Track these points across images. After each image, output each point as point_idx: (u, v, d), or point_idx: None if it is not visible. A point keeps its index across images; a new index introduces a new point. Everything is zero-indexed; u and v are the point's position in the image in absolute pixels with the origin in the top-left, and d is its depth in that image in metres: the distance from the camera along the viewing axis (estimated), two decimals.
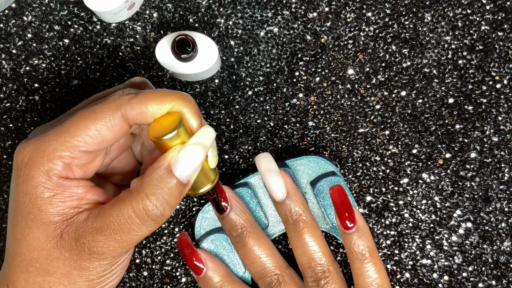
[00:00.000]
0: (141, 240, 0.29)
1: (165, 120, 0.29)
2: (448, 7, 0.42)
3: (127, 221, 0.27)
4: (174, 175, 0.28)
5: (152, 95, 0.29)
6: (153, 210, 0.27)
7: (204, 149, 0.28)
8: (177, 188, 0.28)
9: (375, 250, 0.34)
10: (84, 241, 0.28)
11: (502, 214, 0.42)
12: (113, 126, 0.29)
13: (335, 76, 0.42)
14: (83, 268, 0.29)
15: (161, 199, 0.27)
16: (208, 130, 0.29)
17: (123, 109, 0.28)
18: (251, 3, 0.42)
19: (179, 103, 0.29)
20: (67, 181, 0.29)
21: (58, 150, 0.28)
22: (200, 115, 0.30)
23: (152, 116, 0.29)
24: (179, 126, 0.28)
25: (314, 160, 0.40)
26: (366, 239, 0.34)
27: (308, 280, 0.35)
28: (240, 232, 0.36)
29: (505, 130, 0.42)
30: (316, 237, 0.35)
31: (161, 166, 0.28)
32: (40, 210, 0.28)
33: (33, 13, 0.42)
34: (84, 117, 0.29)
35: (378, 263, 0.34)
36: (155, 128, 0.29)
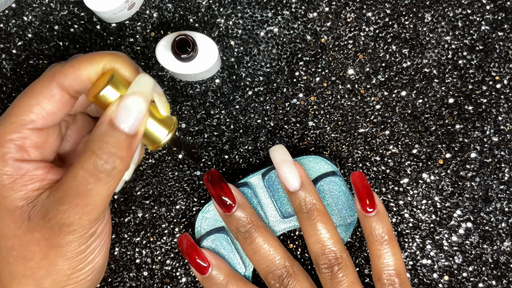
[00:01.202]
0: (104, 201, 0.29)
1: (101, 81, 0.29)
2: (448, 7, 0.42)
3: (81, 182, 0.27)
4: (118, 128, 0.28)
5: (82, 58, 0.29)
6: (103, 164, 0.27)
7: (143, 96, 0.28)
8: (124, 140, 0.28)
9: (393, 234, 0.36)
10: (50, 216, 0.28)
11: (502, 214, 0.42)
12: (52, 97, 0.29)
13: (335, 76, 0.42)
14: (58, 245, 0.29)
15: (107, 152, 0.27)
16: (143, 78, 0.29)
17: (57, 78, 0.29)
18: (251, 3, 0.42)
19: (109, 59, 0.29)
20: (24, 163, 0.29)
21: (6, 133, 0.28)
22: (134, 67, 0.30)
23: (88, 79, 0.29)
24: (111, 79, 0.28)
25: (314, 160, 0.40)
26: (385, 222, 0.35)
27: (321, 267, 0.36)
28: (249, 227, 0.36)
29: (505, 130, 0.42)
30: (329, 226, 0.36)
31: (102, 122, 0.28)
32: (3, 197, 0.29)
33: (33, 13, 0.42)
34: (23, 95, 0.29)
35: (396, 246, 0.35)
36: (93, 90, 0.29)
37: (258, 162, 0.42)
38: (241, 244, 0.37)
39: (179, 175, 0.42)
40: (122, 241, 0.42)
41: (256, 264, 0.37)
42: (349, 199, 0.40)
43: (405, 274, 0.36)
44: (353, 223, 0.40)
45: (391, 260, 0.35)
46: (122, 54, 0.30)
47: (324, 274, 0.36)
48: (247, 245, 0.36)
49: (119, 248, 0.42)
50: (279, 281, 0.36)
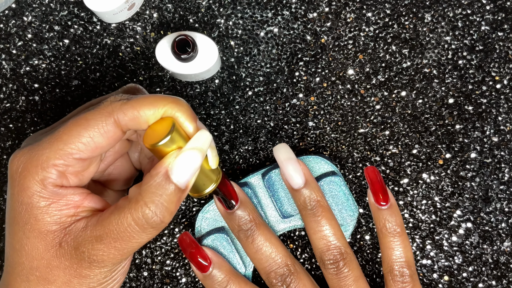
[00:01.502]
0: (140, 246, 0.29)
1: (160, 126, 0.28)
2: (448, 7, 0.42)
3: (126, 229, 0.27)
4: (172, 181, 0.28)
5: (144, 100, 0.28)
6: (153, 217, 0.27)
7: (201, 153, 0.28)
8: (175, 194, 0.28)
9: (404, 227, 0.37)
10: (84, 249, 0.28)
11: (502, 214, 0.42)
12: (106, 133, 0.28)
13: (335, 76, 0.42)
14: (84, 276, 0.29)
15: (160, 206, 0.27)
16: (204, 134, 0.29)
17: (116, 115, 0.28)
18: (251, 3, 0.42)
19: (172, 107, 0.28)
20: (62, 189, 0.29)
21: (51, 158, 0.28)
22: (195, 118, 0.29)
23: (146, 121, 0.29)
24: (172, 131, 0.28)
25: (314, 160, 0.40)
26: (397, 216, 0.37)
27: (326, 263, 0.36)
28: (250, 226, 0.36)
29: (505, 130, 0.42)
30: (333, 222, 0.37)
31: (158, 173, 0.28)
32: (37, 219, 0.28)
33: (33, 13, 0.42)
34: (76, 124, 0.28)
35: (407, 239, 0.37)
36: (149, 135, 0.28)
37: (258, 162, 0.42)
38: (242, 243, 0.37)
39: None
40: None
41: (258, 263, 0.37)
42: (349, 199, 0.40)
43: (414, 266, 0.37)
44: (353, 223, 0.40)
45: (402, 252, 0.36)
46: (184, 101, 0.29)
47: (330, 270, 0.36)
48: (249, 243, 0.37)
49: None
50: (281, 280, 0.36)
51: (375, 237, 0.42)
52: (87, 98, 0.42)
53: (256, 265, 0.37)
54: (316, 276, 0.42)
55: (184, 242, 0.37)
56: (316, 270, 0.42)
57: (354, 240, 0.42)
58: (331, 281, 0.36)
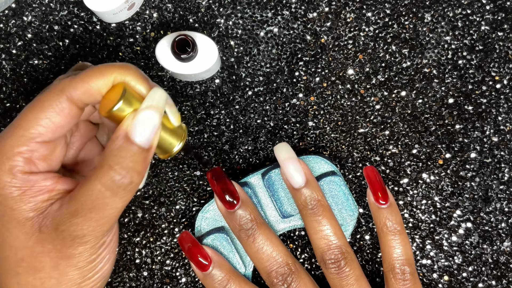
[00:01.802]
0: (118, 214, 0.29)
1: (113, 94, 0.29)
2: (448, 7, 0.42)
3: (98, 196, 0.27)
4: (134, 142, 0.28)
5: (92, 71, 0.29)
6: (121, 179, 0.27)
7: (157, 110, 0.28)
8: (139, 154, 0.28)
9: (403, 226, 0.37)
10: (63, 228, 0.28)
11: (502, 214, 0.42)
12: (62, 111, 0.29)
13: (335, 76, 0.42)
14: (69, 256, 0.29)
15: (125, 167, 0.27)
16: (157, 92, 0.29)
17: (67, 92, 0.28)
18: (251, 3, 0.42)
19: (120, 72, 0.29)
20: (32, 175, 0.29)
21: (14, 146, 0.28)
22: (146, 79, 0.29)
23: (98, 92, 0.29)
24: (124, 94, 0.28)
25: (314, 160, 0.40)
26: (397, 214, 0.37)
27: (328, 263, 0.36)
28: (251, 225, 0.36)
29: (505, 130, 0.42)
30: (333, 221, 0.37)
31: (118, 136, 0.28)
32: (12, 209, 0.28)
33: (33, 13, 0.42)
34: (31, 108, 0.29)
35: (407, 237, 0.37)
36: (104, 104, 0.29)
37: (258, 162, 0.42)
38: (243, 243, 0.37)
39: (179, 175, 0.42)
40: (122, 241, 0.42)
41: (258, 262, 0.37)
42: (348, 199, 0.40)
43: (414, 264, 0.37)
44: (353, 223, 0.40)
45: (403, 250, 0.37)
46: (132, 66, 0.30)
47: (331, 269, 0.36)
48: (250, 243, 0.37)
49: (119, 248, 0.42)
50: (282, 279, 0.36)
51: (375, 237, 0.42)
52: None
53: (256, 265, 0.37)
54: (316, 276, 0.42)
55: (184, 241, 0.37)
56: (316, 270, 0.42)
57: (354, 240, 0.42)
58: (332, 281, 0.36)
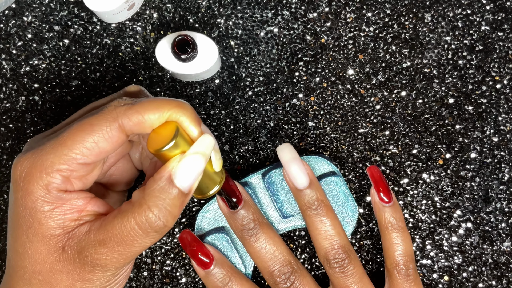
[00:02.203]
0: (143, 250, 0.29)
1: (164, 130, 0.28)
2: (448, 7, 0.42)
3: (130, 233, 0.27)
4: (175, 186, 0.28)
5: (149, 104, 0.28)
6: (156, 221, 0.27)
7: (204, 157, 0.28)
8: (178, 198, 0.28)
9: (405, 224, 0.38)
10: (87, 253, 0.28)
11: (502, 214, 0.42)
12: (110, 138, 0.28)
13: (335, 76, 0.42)
14: (87, 280, 0.29)
15: (163, 210, 0.27)
16: (207, 139, 0.29)
17: (120, 120, 0.28)
18: (251, 3, 0.42)
19: (176, 111, 0.28)
20: (66, 194, 0.29)
21: (56, 163, 0.28)
22: (199, 122, 0.29)
23: (150, 126, 0.29)
24: (176, 136, 0.28)
25: (314, 160, 0.40)
26: (400, 212, 0.38)
27: (332, 263, 0.36)
28: (254, 225, 0.36)
29: (505, 130, 0.42)
30: (336, 221, 0.37)
31: (162, 177, 0.28)
32: (40, 224, 0.28)
33: (33, 13, 0.42)
34: (80, 129, 0.28)
35: (409, 235, 0.38)
36: (153, 139, 0.28)
37: (258, 162, 0.42)
38: (246, 242, 0.37)
39: None
40: None
41: (261, 261, 0.37)
42: (349, 199, 0.40)
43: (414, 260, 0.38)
44: (354, 223, 0.40)
45: (407, 247, 0.37)
46: (188, 105, 0.29)
47: (335, 269, 0.36)
48: (252, 242, 0.37)
49: None
50: (285, 278, 0.36)
51: (375, 236, 0.42)
52: (87, 98, 0.42)
53: (258, 264, 0.37)
54: (315, 276, 0.42)
55: (185, 239, 0.37)
56: (316, 270, 0.42)
57: (354, 240, 0.42)
58: (337, 280, 0.36)
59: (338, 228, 0.37)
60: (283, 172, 0.37)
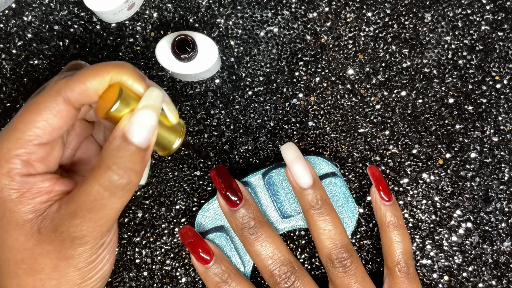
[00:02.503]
0: (117, 214, 0.29)
1: (109, 94, 0.28)
2: (448, 7, 0.42)
3: (96, 197, 0.27)
4: (131, 142, 0.28)
5: (88, 71, 0.28)
6: (119, 179, 0.27)
7: (154, 109, 0.28)
8: (137, 154, 0.28)
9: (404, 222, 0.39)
10: (62, 229, 0.28)
11: (502, 214, 0.42)
12: (59, 113, 0.29)
13: (335, 76, 0.42)
14: (69, 257, 0.29)
15: (123, 167, 0.27)
16: (154, 91, 0.29)
17: (64, 93, 0.28)
18: (251, 3, 0.42)
19: (116, 72, 0.29)
20: (30, 177, 0.29)
21: (12, 149, 0.28)
22: (142, 78, 0.29)
23: (95, 92, 0.29)
24: (120, 95, 0.28)
25: (314, 160, 0.40)
26: (399, 212, 0.39)
27: (335, 262, 0.36)
28: (254, 224, 0.36)
29: (505, 130, 0.42)
30: (338, 221, 0.37)
31: (116, 136, 0.28)
32: (11, 211, 0.28)
33: (33, 13, 0.42)
34: (28, 110, 0.29)
35: (408, 233, 0.39)
36: (101, 105, 0.29)
37: (258, 162, 0.42)
38: (246, 241, 0.37)
39: (179, 175, 0.42)
40: (122, 241, 0.42)
41: (260, 261, 0.37)
42: (349, 200, 0.40)
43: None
44: (353, 224, 0.40)
45: (407, 245, 0.38)
46: (129, 65, 0.29)
47: (338, 268, 0.36)
48: (252, 241, 0.37)
49: (119, 248, 0.42)
50: (286, 277, 0.36)
51: (375, 236, 0.42)
52: None
53: (258, 264, 0.37)
54: (315, 276, 0.42)
55: (186, 235, 0.37)
56: (315, 270, 0.42)
57: (354, 240, 0.42)
58: (339, 280, 0.37)
59: (341, 228, 0.37)
60: (286, 171, 0.37)
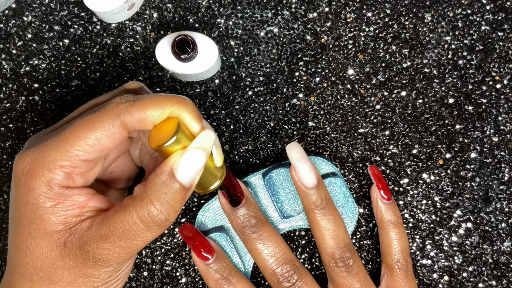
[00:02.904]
0: (145, 245, 0.29)
1: (165, 126, 0.29)
2: (448, 7, 0.42)
3: (132, 227, 0.28)
4: (177, 180, 0.28)
5: (151, 101, 0.29)
6: (158, 215, 0.28)
7: (205, 152, 0.29)
8: (180, 192, 0.28)
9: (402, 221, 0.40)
10: (89, 249, 0.28)
11: (502, 214, 0.42)
12: (112, 135, 0.29)
13: (335, 76, 0.42)
14: (89, 276, 0.29)
15: (165, 204, 0.28)
16: (208, 134, 0.29)
17: (122, 117, 0.28)
18: (251, 3, 0.42)
19: (178, 107, 0.29)
20: (68, 190, 0.29)
21: (58, 160, 0.28)
22: (200, 118, 0.30)
23: (152, 122, 0.29)
24: (177, 132, 0.28)
25: (315, 160, 0.40)
26: (398, 211, 0.39)
27: (338, 262, 0.37)
28: (255, 223, 0.37)
29: (505, 130, 0.42)
30: (342, 221, 0.38)
31: (163, 172, 0.28)
32: (42, 220, 0.28)
33: (33, 13, 0.42)
34: (83, 126, 0.29)
35: (405, 231, 0.39)
36: (155, 135, 0.29)
37: (258, 162, 0.42)
38: (246, 240, 0.37)
39: None
40: None
41: (262, 260, 0.37)
42: (349, 200, 0.40)
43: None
44: (354, 224, 0.40)
45: (405, 243, 0.39)
46: (190, 101, 0.29)
47: (341, 268, 0.37)
48: (254, 240, 0.37)
49: None
50: (288, 275, 0.36)
51: (375, 236, 0.42)
52: (87, 98, 0.42)
53: (259, 263, 0.37)
54: (315, 276, 0.42)
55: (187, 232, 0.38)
56: (316, 270, 0.42)
57: (354, 240, 0.42)
58: (342, 279, 0.37)
59: (344, 228, 0.37)
60: (291, 171, 0.37)
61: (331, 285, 0.38)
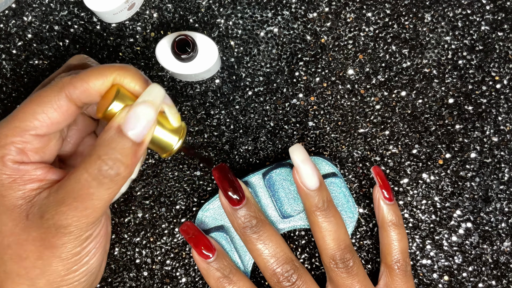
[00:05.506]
0: (104, 206, 0.29)
1: (109, 95, 0.29)
2: (448, 7, 0.42)
3: (83, 185, 0.28)
4: (125, 135, 0.28)
5: (92, 71, 0.29)
6: (107, 170, 0.28)
7: (153, 105, 0.28)
8: (130, 147, 0.28)
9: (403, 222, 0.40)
10: (48, 216, 0.28)
11: (502, 214, 0.42)
12: (59, 108, 0.29)
13: (335, 76, 0.42)
14: (53, 246, 0.29)
15: (113, 158, 0.28)
16: (154, 88, 0.29)
17: (67, 90, 0.29)
18: (251, 3, 0.42)
19: (119, 74, 0.29)
20: (23, 165, 0.29)
21: (9, 136, 0.29)
22: (145, 80, 0.30)
23: (97, 92, 0.29)
24: (116, 96, 0.28)
25: (315, 161, 0.40)
26: (399, 212, 0.40)
27: (338, 263, 0.37)
28: (256, 223, 0.37)
29: (505, 130, 0.42)
30: (342, 223, 0.38)
31: (111, 127, 0.28)
32: (2, 196, 0.29)
33: (33, 13, 0.42)
34: (30, 102, 0.29)
35: (405, 232, 0.40)
36: (101, 105, 0.29)
37: (258, 162, 0.42)
38: (247, 240, 0.37)
39: (179, 175, 0.42)
40: (122, 241, 0.42)
41: (262, 259, 0.37)
42: (349, 200, 0.40)
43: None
44: (353, 224, 0.40)
45: (405, 244, 0.39)
46: (132, 67, 0.30)
47: (341, 269, 0.37)
48: (254, 240, 0.37)
49: (119, 248, 0.42)
50: (288, 275, 0.36)
51: (375, 237, 0.42)
52: None
53: (259, 263, 0.37)
54: (315, 276, 0.42)
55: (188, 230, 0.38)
56: (316, 270, 0.42)
57: (354, 240, 0.42)
58: (342, 280, 0.37)
59: (344, 229, 0.37)
60: (294, 172, 0.37)
61: (330, 285, 0.38)
